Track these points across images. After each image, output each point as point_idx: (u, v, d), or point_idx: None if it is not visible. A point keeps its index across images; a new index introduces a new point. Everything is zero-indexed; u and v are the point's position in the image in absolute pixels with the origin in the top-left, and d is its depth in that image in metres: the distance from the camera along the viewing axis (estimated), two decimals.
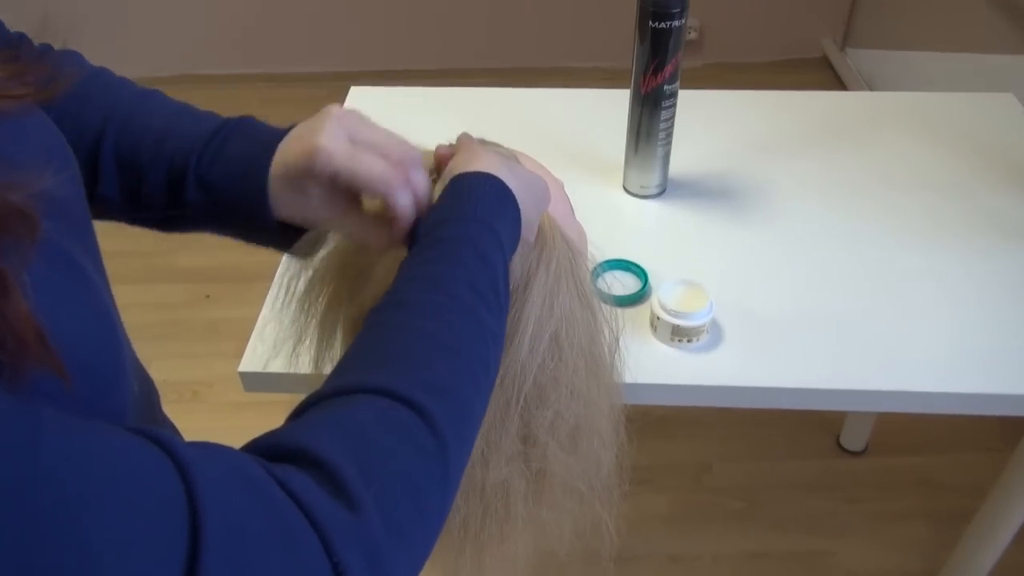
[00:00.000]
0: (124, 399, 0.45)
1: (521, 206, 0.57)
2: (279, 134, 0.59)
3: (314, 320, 0.72)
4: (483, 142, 0.67)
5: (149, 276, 2.21)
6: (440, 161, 0.62)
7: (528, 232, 0.59)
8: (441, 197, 0.56)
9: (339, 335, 0.71)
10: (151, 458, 0.35)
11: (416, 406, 0.43)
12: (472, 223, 0.53)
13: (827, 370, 0.88)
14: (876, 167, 1.18)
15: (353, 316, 0.67)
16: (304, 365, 0.74)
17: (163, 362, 1.93)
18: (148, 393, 0.62)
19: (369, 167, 0.54)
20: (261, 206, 0.58)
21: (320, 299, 0.71)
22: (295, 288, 0.72)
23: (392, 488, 0.40)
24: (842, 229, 1.07)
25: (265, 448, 0.40)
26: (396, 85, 1.35)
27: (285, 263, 0.84)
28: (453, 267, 0.51)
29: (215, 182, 0.59)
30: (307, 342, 0.73)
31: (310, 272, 0.71)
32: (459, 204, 0.54)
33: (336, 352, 0.71)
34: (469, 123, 0.71)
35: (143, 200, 0.61)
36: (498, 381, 0.60)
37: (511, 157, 0.64)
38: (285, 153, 0.57)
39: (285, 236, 0.61)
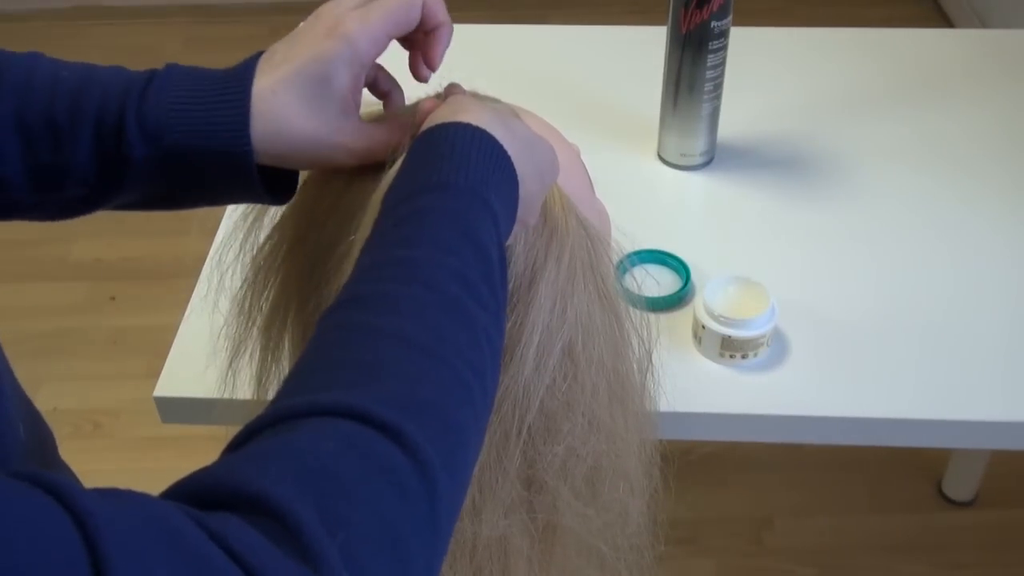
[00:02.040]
0: (7, 449, 0.46)
1: (520, 176, 0.57)
2: (247, 62, 0.61)
3: (255, 327, 0.72)
4: (476, 95, 0.67)
5: (34, 271, 2.22)
6: (423, 119, 0.62)
7: (527, 212, 0.59)
8: (412, 153, 0.56)
9: (287, 345, 0.71)
10: (41, 511, 0.35)
11: (391, 429, 0.43)
12: (457, 192, 0.53)
13: (925, 395, 0.88)
14: (991, 129, 1.18)
15: (307, 320, 0.68)
16: (242, 388, 0.74)
17: (54, 386, 1.93)
18: (38, 435, 0.62)
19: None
20: (238, 137, 0.60)
21: (264, 296, 0.71)
22: (229, 283, 0.72)
23: (364, 538, 0.40)
24: (945, 211, 1.07)
25: (194, 492, 0.40)
26: None
27: (215, 251, 0.84)
28: (434, 250, 0.50)
29: (168, 124, 0.60)
30: (247, 356, 0.73)
31: (249, 262, 0.72)
32: (439, 164, 0.54)
33: (285, 368, 0.71)
34: (458, 70, 0.72)
35: (58, 176, 0.62)
36: (494, 408, 0.60)
37: (511, 114, 0.64)
38: (285, 63, 0.60)
39: (260, 180, 0.63)
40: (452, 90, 0.65)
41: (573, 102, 1.21)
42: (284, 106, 0.60)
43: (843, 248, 1.03)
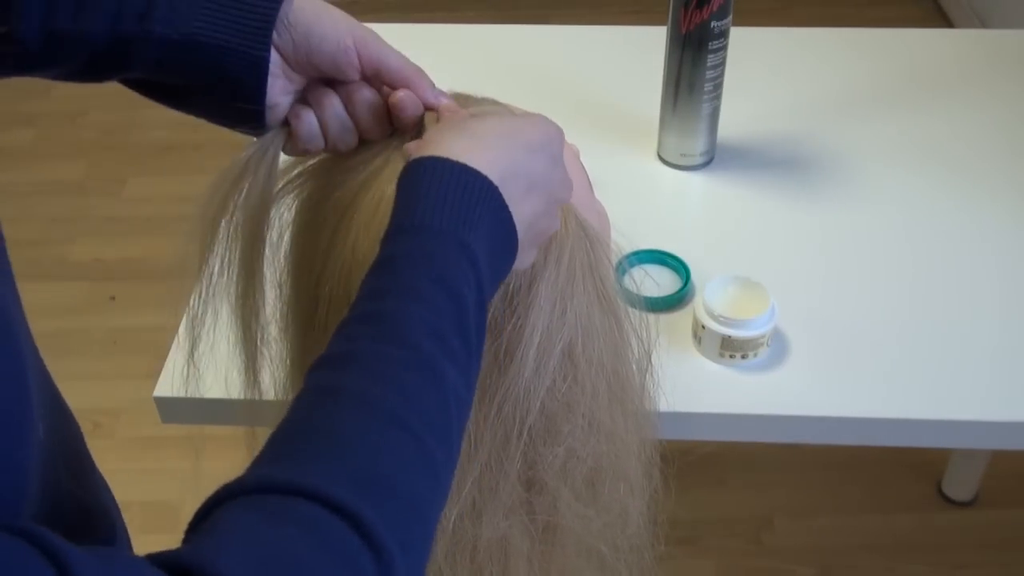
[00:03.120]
0: (25, 450, 0.46)
1: (514, 197, 0.56)
2: None
3: (251, 326, 0.72)
4: (468, 98, 0.67)
5: (34, 271, 2.22)
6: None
7: (529, 248, 0.59)
8: (397, 192, 0.55)
9: (287, 345, 0.71)
10: (26, 559, 0.36)
11: (349, 514, 0.44)
12: (430, 234, 0.52)
13: (925, 395, 0.88)
14: (991, 129, 1.18)
15: (303, 321, 0.68)
16: (242, 387, 0.75)
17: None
18: (62, 433, 0.62)
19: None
20: (260, 40, 0.61)
21: (261, 296, 0.71)
22: (232, 280, 0.72)
23: None
24: (944, 211, 1.07)
25: (165, 564, 0.41)
26: (361, 21, 1.35)
27: (218, 248, 0.84)
28: (406, 302, 0.50)
29: (194, 12, 0.61)
30: (245, 356, 0.73)
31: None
32: (414, 206, 0.53)
33: (289, 367, 0.72)
34: (456, 70, 0.72)
35: (71, 44, 0.62)
36: (495, 410, 0.60)
37: (507, 133, 0.64)
38: (313, 14, 0.62)
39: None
40: (445, 112, 0.64)
41: (573, 102, 1.21)
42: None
43: (843, 248, 1.03)
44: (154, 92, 0.66)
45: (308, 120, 0.64)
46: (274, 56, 0.62)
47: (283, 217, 0.71)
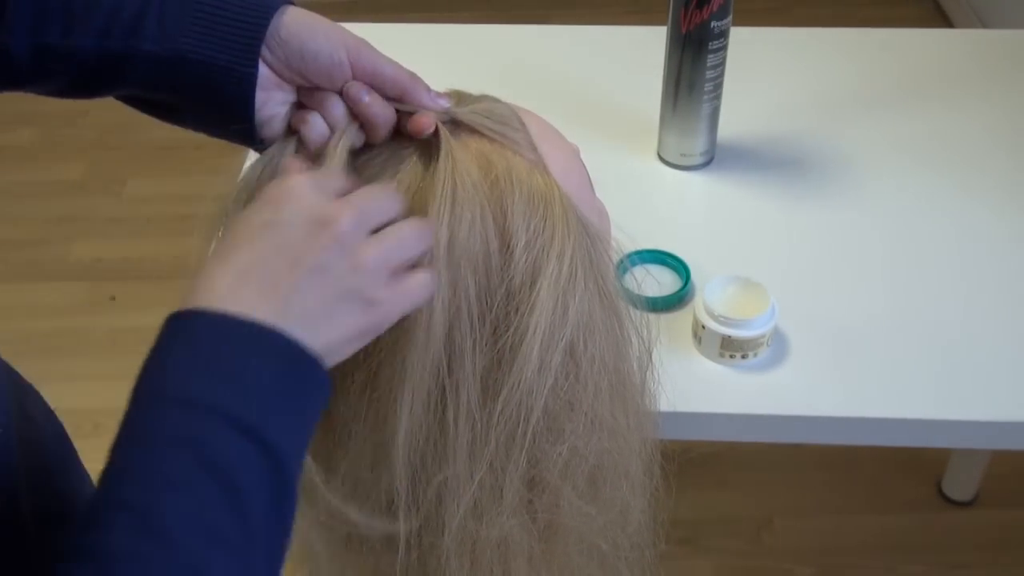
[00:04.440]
0: None
1: (296, 311, 0.50)
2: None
3: None
4: (463, 95, 0.67)
5: (34, 272, 2.22)
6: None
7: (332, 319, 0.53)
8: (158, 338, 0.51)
9: None
10: None
11: None
12: (177, 411, 0.48)
13: (925, 395, 0.88)
14: (990, 129, 1.18)
15: None
16: None
17: (54, 385, 1.91)
18: (35, 435, 0.62)
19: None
20: (247, 56, 0.60)
21: None
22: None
23: None
24: (943, 211, 1.08)
25: None
26: (359, 21, 1.35)
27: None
28: (162, 489, 0.46)
29: (184, 28, 0.61)
30: None
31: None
32: (159, 371, 0.50)
33: None
34: (455, 70, 0.72)
35: (60, 60, 0.62)
36: (499, 409, 0.60)
37: (507, 124, 0.64)
38: (305, 29, 0.61)
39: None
40: (266, 195, 0.56)
41: (573, 102, 1.21)
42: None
43: (843, 248, 1.03)
44: (148, 107, 0.66)
45: (317, 124, 0.64)
46: (267, 71, 0.62)
47: None
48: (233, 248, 0.52)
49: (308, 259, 0.52)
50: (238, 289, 0.51)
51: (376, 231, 0.55)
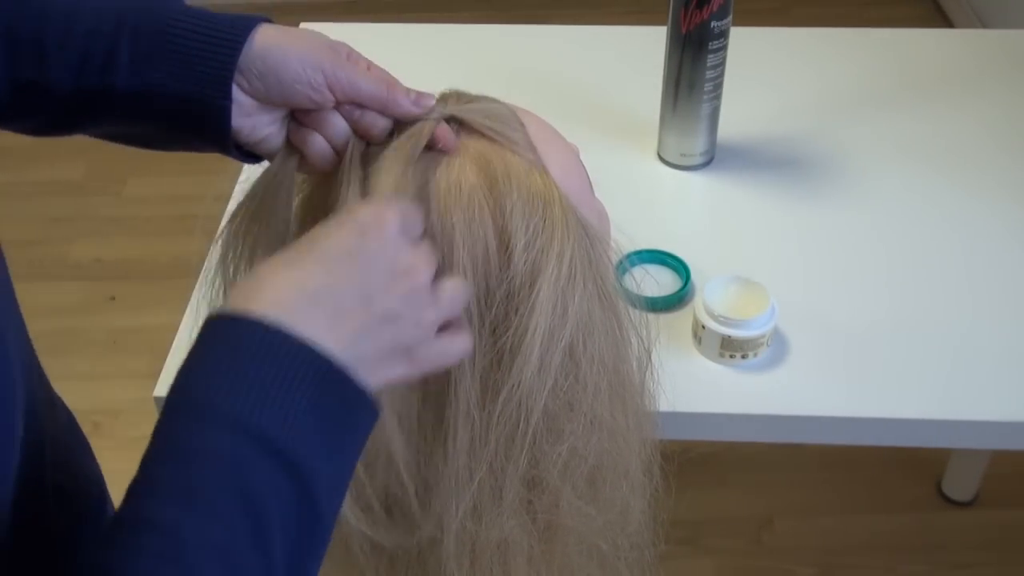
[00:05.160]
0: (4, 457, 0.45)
1: (347, 340, 0.49)
2: (249, 18, 0.62)
3: None
4: (462, 95, 0.67)
5: (34, 271, 2.22)
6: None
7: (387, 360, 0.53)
8: (197, 342, 0.49)
9: None
10: None
11: None
12: (222, 432, 0.46)
13: (925, 395, 0.88)
14: (990, 129, 1.18)
15: None
16: None
17: (53, 385, 1.93)
18: (46, 428, 0.63)
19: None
20: (220, 87, 0.60)
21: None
22: (230, 279, 0.72)
23: None
24: (943, 211, 1.08)
25: None
26: (359, 21, 1.35)
27: (216, 249, 0.84)
28: (194, 514, 0.44)
29: (157, 61, 0.61)
30: None
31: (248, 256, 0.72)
32: (207, 380, 0.47)
33: None
34: (456, 70, 0.72)
35: (37, 94, 0.62)
36: (499, 410, 0.60)
37: (506, 128, 0.64)
38: (278, 56, 0.61)
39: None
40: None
41: (573, 102, 1.21)
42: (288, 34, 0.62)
43: (843, 248, 1.03)
44: (125, 139, 0.67)
45: (318, 143, 0.64)
46: (245, 99, 0.62)
47: None
48: (310, 263, 0.51)
49: (383, 304, 0.52)
50: (307, 310, 0.49)
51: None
